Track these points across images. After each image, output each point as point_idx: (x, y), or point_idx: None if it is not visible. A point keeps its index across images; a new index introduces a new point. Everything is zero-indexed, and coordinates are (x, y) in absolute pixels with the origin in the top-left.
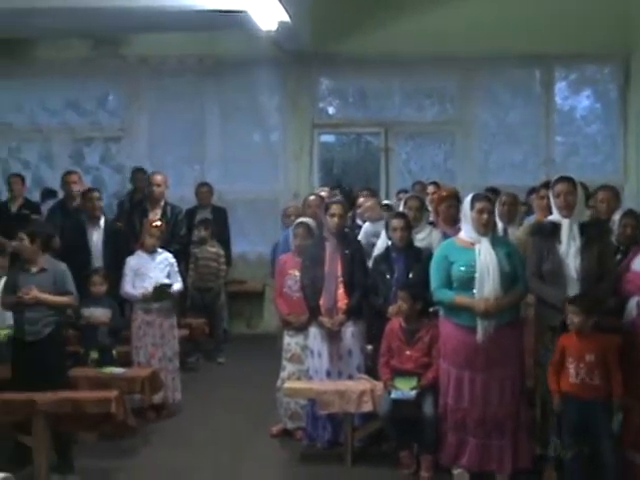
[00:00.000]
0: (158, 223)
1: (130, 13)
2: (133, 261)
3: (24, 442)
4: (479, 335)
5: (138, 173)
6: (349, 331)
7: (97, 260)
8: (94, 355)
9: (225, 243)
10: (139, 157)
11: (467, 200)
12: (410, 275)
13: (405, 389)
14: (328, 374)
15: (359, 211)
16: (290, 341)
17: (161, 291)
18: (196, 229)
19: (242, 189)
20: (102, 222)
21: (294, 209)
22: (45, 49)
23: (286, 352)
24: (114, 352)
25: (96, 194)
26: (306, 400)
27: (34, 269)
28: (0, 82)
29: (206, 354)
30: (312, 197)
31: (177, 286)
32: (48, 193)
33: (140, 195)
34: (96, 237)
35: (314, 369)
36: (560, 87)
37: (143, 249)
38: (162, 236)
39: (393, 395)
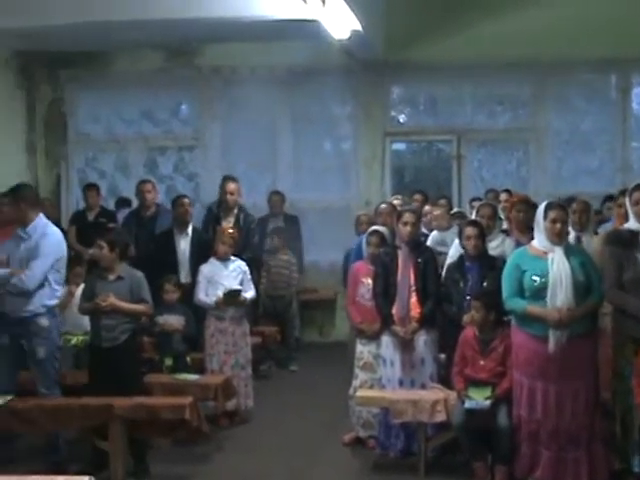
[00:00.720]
0: (231, 230)
1: (204, 24)
2: (206, 269)
3: (101, 446)
4: (551, 345)
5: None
6: (422, 340)
7: (184, 268)
8: (169, 362)
9: (297, 251)
10: (212, 166)
11: (540, 209)
12: (484, 284)
13: (479, 399)
14: (401, 383)
15: (426, 219)
16: (362, 349)
17: (231, 296)
18: (269, 237)
19: (314, 197)
20: (190, 230)
21: (366, 217)
22: (121, 61)
23: (358, 360)
24: (188, 359)
25: (186, 200)
26: (378, 409)
27: (111, 277)
28: (79, 94)
29: (278, 362)
30: (383, 205)
31: (249, 294)
32: (122, 202)
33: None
34: (184, 245)
35: (386, 378)
36: (637, 92)
37: (216, 257)
38: (235, 244)
39: (467, 405)
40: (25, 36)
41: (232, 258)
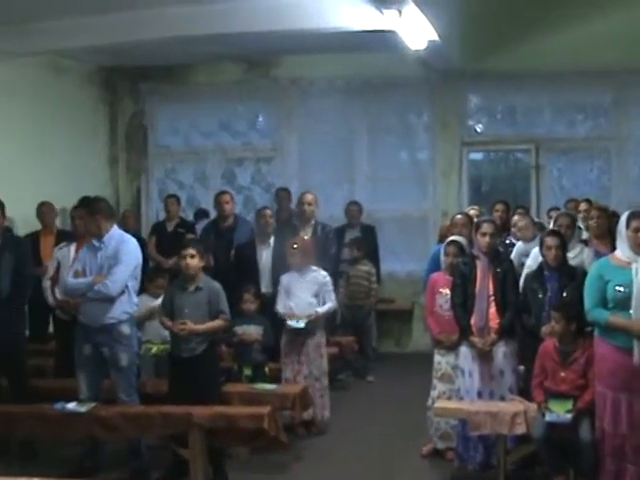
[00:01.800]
0: (295, 244)
1: (282, 36)
2: (285, 280)
3: (181, 454)
4: (636, 357)
5: (282, 192)
6: (501, 351)
7: (264, 278)
8: (247, 372)
9: (374, 261)
10: (289, 177)
11: (623, 218)
12: (564, 294)
13: (560, 412)
14: (479, 394)
15: (513, 229)
16: (441, 360)
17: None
18: (347, 248)
19: (391, 208)
20: (272, 241)
21: (448, 227)
22: (200, 73)
23: (436, 371)
24: (266, 369)
25: (268, 211)
26: (456, 420)
27: (191, 288)
28: (159, 107)
29: (355, 372)
30: (459, 216)
31: (327, 305)
32: (201, 213)
33: (285, 214)
34: (265, 256)
35: (465, 389)
36: None
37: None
38: (304, 255)
39: (548, 418)
40: (109, 52)
41: (313, 269)
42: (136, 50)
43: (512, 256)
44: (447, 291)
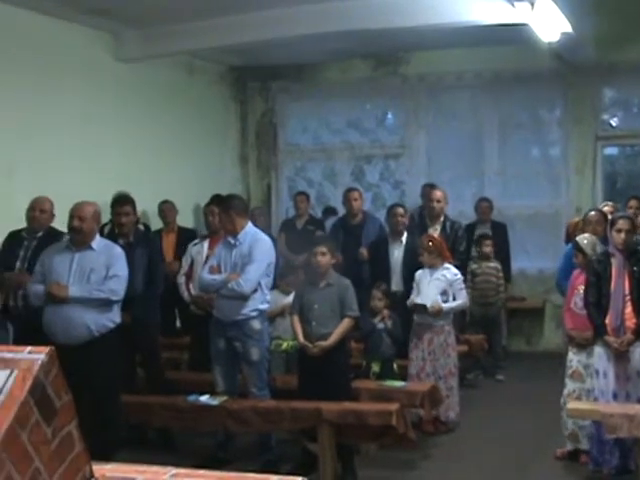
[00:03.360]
0: (430, 240)
1: (411, 32)
2: (417, 276)
3: (311, 448)
4: None
5: (426, 188)
6: (637, 352)
7: (395, 275)
8: (376, 368)
9: (505, 259)
10: (417, 173)
11: None
12: None
13: None
14: (615, 396)
15: None
16: (573, 358)
17: (418, 308)
18: (477, 244)
19: (522, 204)
20: (404, 238)
21: (575, 224)
22: (330, 72)
23: (568, 369)
24: (394, 365)
25: (400, 209)
26: (586, 421)
27: (321, 284)
28: (289, 105)
29: (485, 371)
30: (592, 213)
31: (457, 302)
32: (329, 210)
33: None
34: (397, 254)
35: (599, 390)
36: None
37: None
38: (438, 251)
39: None
40: (240, 52)
41: (446, 265)
42: (266, 49)
43: None
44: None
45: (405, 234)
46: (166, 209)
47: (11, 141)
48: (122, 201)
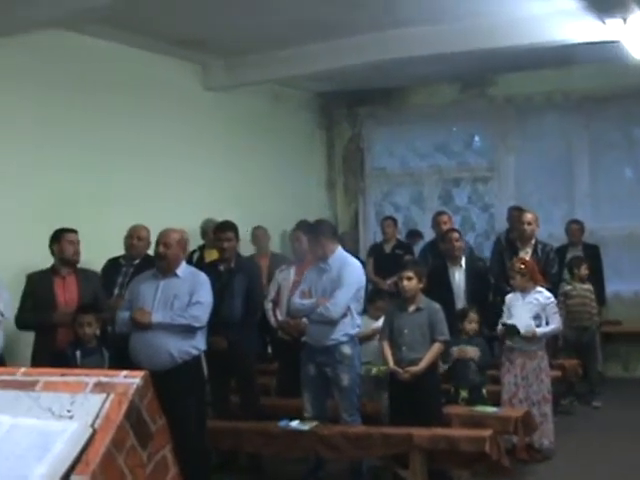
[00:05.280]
0: (522, 264)
1: (498, 53)
2: (507, 299)
3: (403, 475)
4: None
5: (513, 211)
6: None
7: (459, 299)
8: (464, 393)
9: (598, 281)
10: (506, 196)
11: None
12: None
13: None
14: None
15: None
16: None
17: (509, 331)
18: (570, 267)
19: (615, 225)
20: (463, 262)
21: None
22: (416, 95)
23: None
24: (484, 391)
25: (455, 235)
26: None
27: (411, 308)
28: (375, 129)
29: (580, 397)
30: None
31: (550, 327)
32: (413, 234)
33: (516, 233)
34: (458, 276)
35: None
36: None
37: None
38: (528, 274)
39: None
40: (326, 78)
41: (538, 289)
42: (352, 75)
43: None
44: None
45: (463, 257)
46: (260, 234)
47: (108, 171)
48: (225, 227)
